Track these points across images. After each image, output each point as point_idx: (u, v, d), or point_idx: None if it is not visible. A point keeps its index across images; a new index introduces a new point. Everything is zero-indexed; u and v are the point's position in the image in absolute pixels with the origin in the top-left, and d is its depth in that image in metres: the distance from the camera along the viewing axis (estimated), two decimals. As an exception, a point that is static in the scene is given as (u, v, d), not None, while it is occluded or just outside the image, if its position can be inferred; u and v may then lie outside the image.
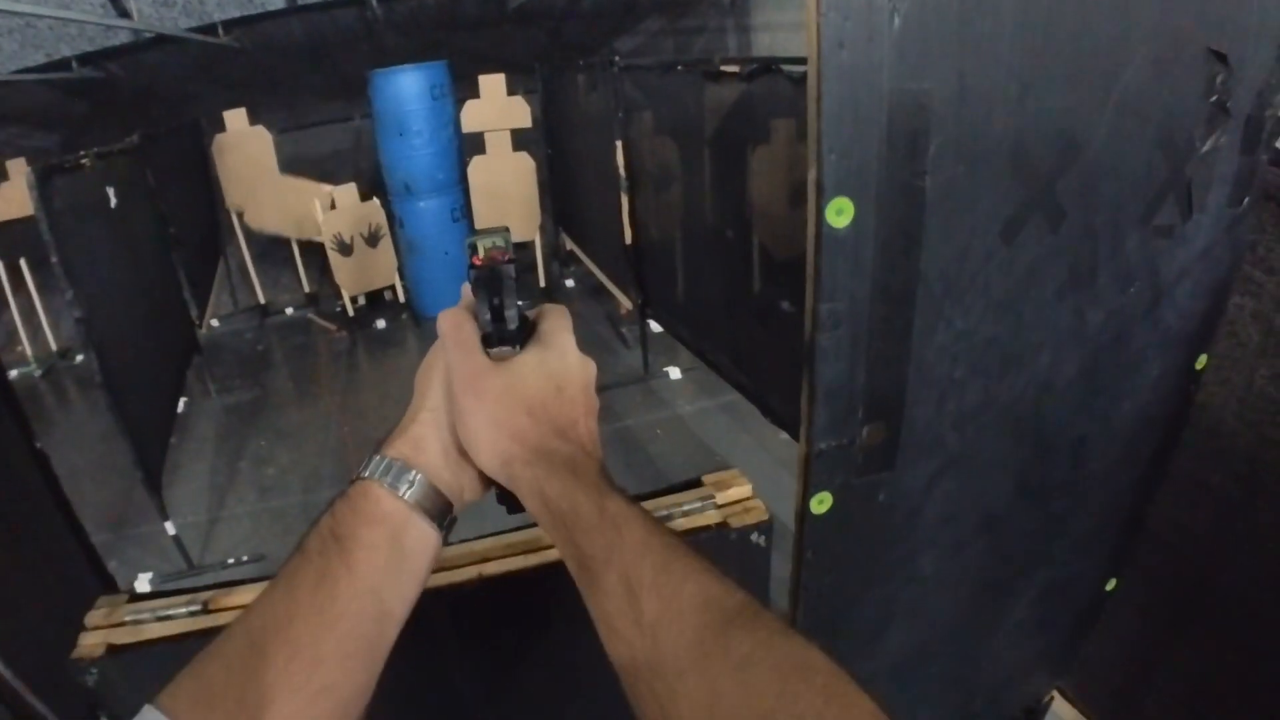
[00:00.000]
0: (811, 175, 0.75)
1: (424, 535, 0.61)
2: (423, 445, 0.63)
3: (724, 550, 1.07)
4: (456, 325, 0.65)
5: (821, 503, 0.96)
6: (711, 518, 1.08)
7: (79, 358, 6.13)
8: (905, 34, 0.72)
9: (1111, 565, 1.32)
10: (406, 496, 0.61)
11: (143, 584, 3.52)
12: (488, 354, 0.64)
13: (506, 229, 0.69)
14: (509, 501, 0.65)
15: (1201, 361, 1.12)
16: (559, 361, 0.64)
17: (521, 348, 0.65)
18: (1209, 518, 1.24)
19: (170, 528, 3.50)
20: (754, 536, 1.07)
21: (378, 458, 0.62)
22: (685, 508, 1.09)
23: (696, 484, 1.14)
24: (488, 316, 0.65)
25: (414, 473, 0.61)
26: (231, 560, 3.63)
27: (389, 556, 0.59)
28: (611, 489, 0.58)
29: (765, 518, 1.08)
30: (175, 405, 4.39)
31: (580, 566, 0.56)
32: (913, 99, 0.75)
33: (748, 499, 1.11)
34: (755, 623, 0.50)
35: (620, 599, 0.53)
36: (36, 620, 1.81)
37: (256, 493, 4.28)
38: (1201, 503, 1.24)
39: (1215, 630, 1.27)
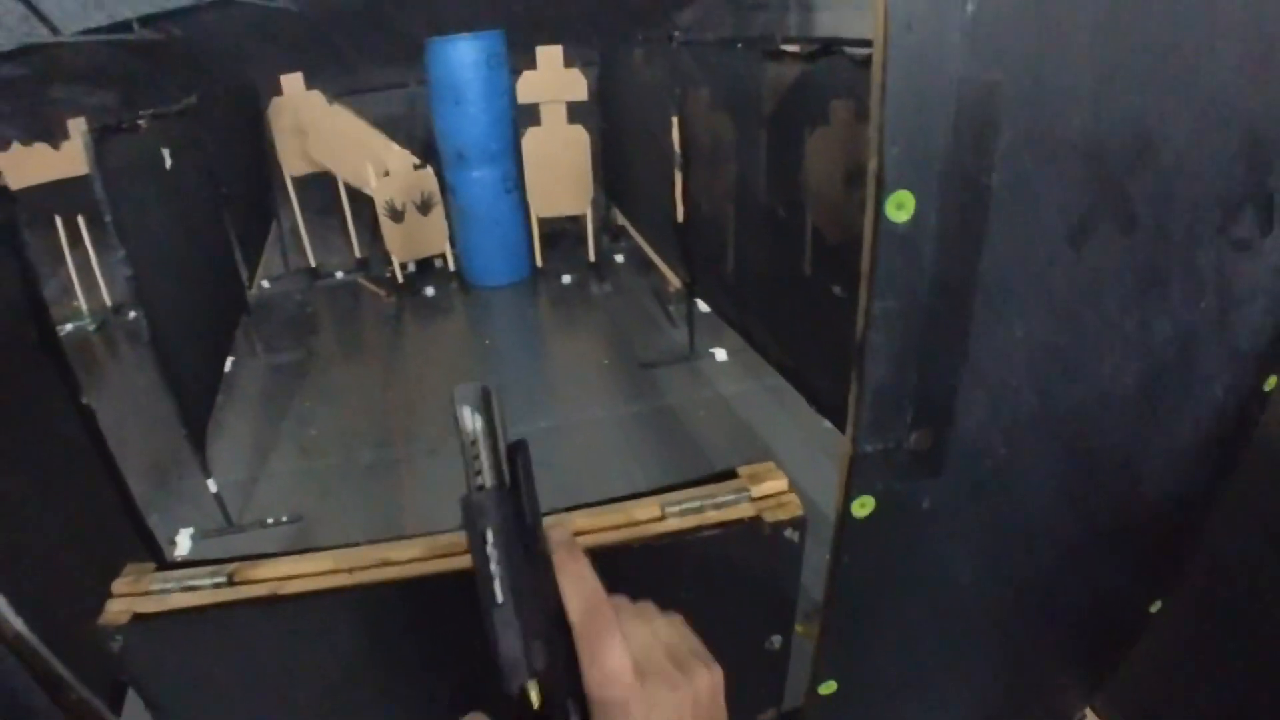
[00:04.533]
0: (872, 166, 0.71)
1: None
2: None
3: (757, 545, 1.04)
4: None
5: (863, 506, 0.92)
6: (745, 511, 1.05)
7: (132, 313, 6.26)
8: (979, 19, 0.67)
9: (1157, 587, 1.26)
10: None
11: (183, 539, 3.59)
12: None
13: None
14: None
15: (1271, 383, 1.06)
16: None
17: None
18: (1261, 543, 1.19)
19: (212, 485, 3.56)
20: (787, 532, 1.04)
21: None
22: (719, 500, 1.06)
23: (731, 475, 1.10)
24: None
25: None
26: (270, 520, 3.69)
27: None
28: None
29: (800, 513, 1.05)
30: (223, 364, 4.45)
31: None
32: (983, 89, 0.70)
33: (783, 493, 1.08)
34: None
35: None
36: (73, 574, 1.84)
37: (298, 453, 4.34)
38: (1253, 527, 1.19)
39: (1261, 660, 1.21)
